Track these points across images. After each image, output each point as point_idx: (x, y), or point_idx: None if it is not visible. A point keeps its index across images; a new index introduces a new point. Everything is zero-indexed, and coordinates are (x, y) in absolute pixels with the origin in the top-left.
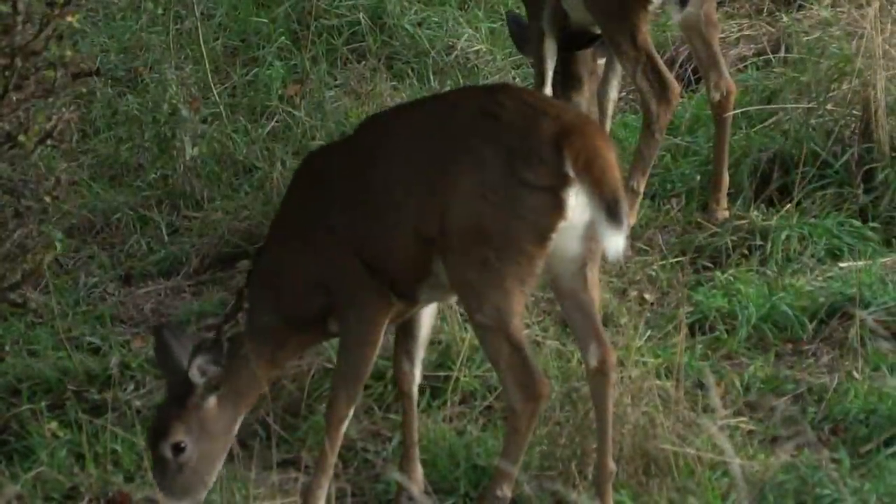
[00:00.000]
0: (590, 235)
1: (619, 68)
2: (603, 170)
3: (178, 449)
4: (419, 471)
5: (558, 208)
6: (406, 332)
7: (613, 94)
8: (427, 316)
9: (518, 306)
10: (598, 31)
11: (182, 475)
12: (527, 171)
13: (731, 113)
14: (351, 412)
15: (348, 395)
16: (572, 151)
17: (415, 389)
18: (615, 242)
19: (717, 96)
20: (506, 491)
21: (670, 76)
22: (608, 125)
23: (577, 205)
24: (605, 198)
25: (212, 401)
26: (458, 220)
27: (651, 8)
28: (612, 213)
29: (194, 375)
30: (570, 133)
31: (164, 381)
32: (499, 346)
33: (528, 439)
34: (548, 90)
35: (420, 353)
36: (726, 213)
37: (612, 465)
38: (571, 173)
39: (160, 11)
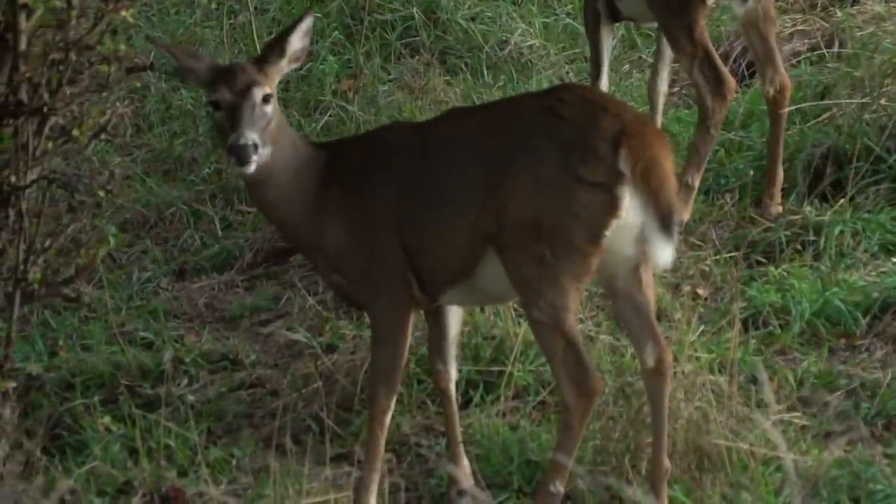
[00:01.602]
0: (644, 237)
1: (668, 61)
2: (661, 180)
3: (266, 98)
4: (467, 466)
5: (612, 206)
6: (436, 331)
7: (664, 87)
8: (455, 314)
9: (573, 303)
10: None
11: (264, 120)
12: (582, 168)
13: (786, 109)
14: (392, 403)
15: (387, 387)
16: (630, 155)
17: (452, 387)
18: (664, 253)
19: (771, 91)
20: (559, 486)
21: (726, 71)
22: (659, 119)
23: (632, 205)
24: (660, 208)
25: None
26: (516, 216)
27: (709, 2)
28: (664, 223)
29: (295, 40)
30: (630, 135)
31: None
32: (553, 341)
33: (582, 435)
34: (604, 81)
35: (452, 350)
36: (780, 209)
37: (667, 463)
38: (627, 172)
39: (214, 6)
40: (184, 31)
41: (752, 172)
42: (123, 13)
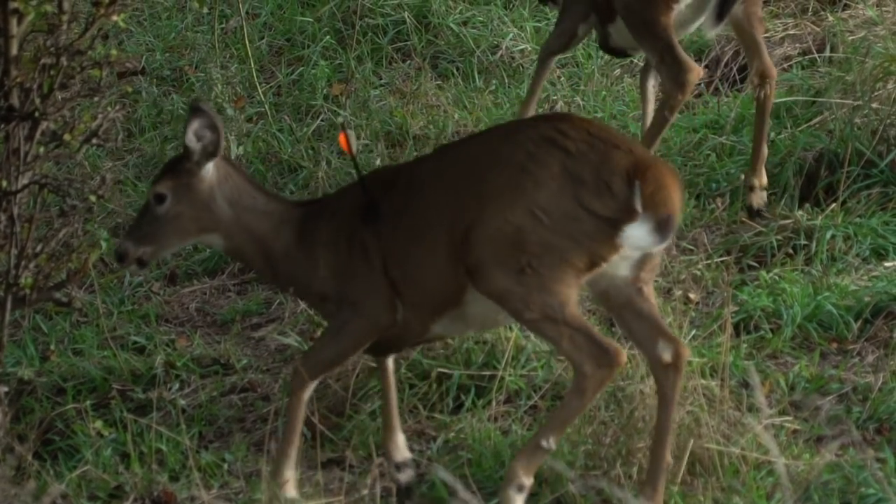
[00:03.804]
0: (643, 262)
1: None
2: (671, 209)
3: (159, 198)
4: (401, 439)
5: (615, 240)
6: None
7: (652, 80)
8: None
9: (568, 297)
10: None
11: (151, 224)
12: (595, 201)
13: (770, 97)
14: (312, 387)
15: (314, 372)
16: (646, 186)
17: (390, 362)
18: (652, 246)
19: (756, 80)
20: (551, 443)
21: (689, 60)
22: (650, 109)
23: (634, 237)
24: (658, 218)
25: (209, 168)
26: (491, 230)
27: (675, 6)
28: (660, 229)
29: (190, 140)
30: (645, 168)
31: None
32: (557, 331)
33: (588, 406)
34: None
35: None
36: (765, 196)
37: (669, 458)
38: (639, 208)
39: (205, 11)
40: (175, 35)
41: (742, 177)
42: (115, 18)
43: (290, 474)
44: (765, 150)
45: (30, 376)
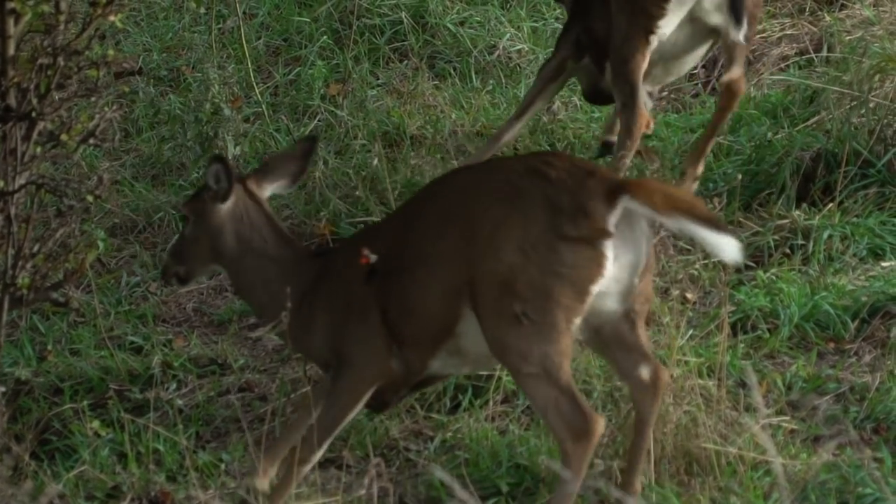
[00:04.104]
0: (629, 293)
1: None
2: (687, 202)
3: (184, 218)
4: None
5: (597, 261)
6: None
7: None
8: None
9: (566, 348)
10: None
11: (180, 243)
12: (568, 225)
13: (731, 104)
14: (315, 458)
15: (319, 440)
16: (644, 198)
17: None
18: (731, 247)
19: (722, 88)
20: None
21: (644, 109)
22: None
23: (616, 259)
24: (702, 219)
25: (223, 208)
26: (490, 275)
27: (652, 43)
28: (715, 226)
29: (210, 180)
30: (630, 186)
31: None
32: (547, 393)
33: (582, 477)
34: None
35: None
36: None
37: (637, 486)
38: (612, 228)
39: (203, 11)
40: (172, 35)
41: (739, 176)
42: (112, 18)
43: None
44: (708, 149)
45: (27, 376)
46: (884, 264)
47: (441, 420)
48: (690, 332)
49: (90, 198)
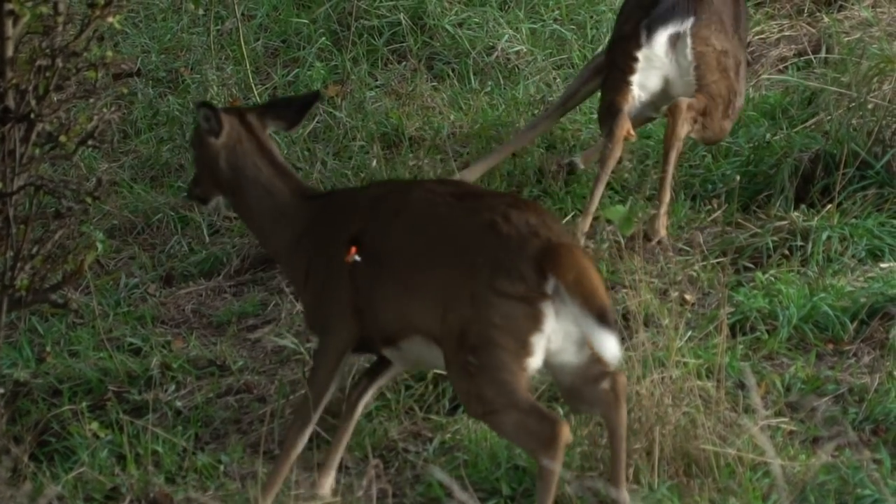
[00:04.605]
0: (584, 340)
1: None
2: (591, 286)
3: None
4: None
5: (535, 318)
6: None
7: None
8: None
9: (519, 383)
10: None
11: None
12: (506, 283)
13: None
14: (305, 437)
15: (303, 418)
16: (557, 272)
17: (360, 405)
18: (610, 344)
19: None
20: None
21: (625, 127)
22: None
23: (557, 321)
24: (594, 308)
25: (216, 140)
26: (449, 326)
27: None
28: (602, 319)
29: (201, 120)
30: (555, 254)
31: None
32: (510, 420)
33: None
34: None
35: (382, 380)
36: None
37: (624, 490)
38: (550, 292)
39: (201, 12)
40: (171, 37)
41: (738, 178)
42: (110, 19)
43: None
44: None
45: (26, 378)
46: (882, 265)
47: (440, 421)
48: (689, 333)
49: (89, 199)
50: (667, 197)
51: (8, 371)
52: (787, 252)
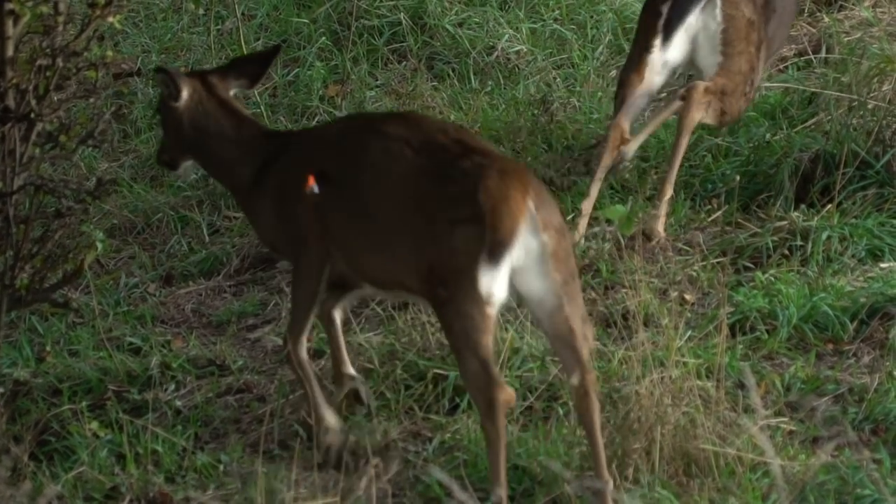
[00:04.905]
0: (548, 270)
1: None
2: (498, 218)
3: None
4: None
5: (482, 242)
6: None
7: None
8: None
9: (484, 322)
10: None
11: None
12: (455, 210)
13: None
14: (304, 338)
15: (298, 324)
16: (486, 195)
17: (337, 315)
18: (488, 278)
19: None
20: (500, 492)
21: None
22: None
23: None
24: (492, 241)
25: (178, 105)
26: (417, 264)
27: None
28: (491, 254)
29: (160, 85)
30: (488, 177)
31: None
32: (469, 365)
33: (504, 444)
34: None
35: (351, 298)
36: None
37: (608, 476)
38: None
39: (201, 12)
40: (171, 37)
41: (738, 178)
42: (110, 19)
43: (329, 416)
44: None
45: (25, 377)
46: (882, 265)
47: (439, 421)
48: (689, 333)
49: (89, 199)
50: (668, 193)
51: (8, 370)
52: (786, 252)
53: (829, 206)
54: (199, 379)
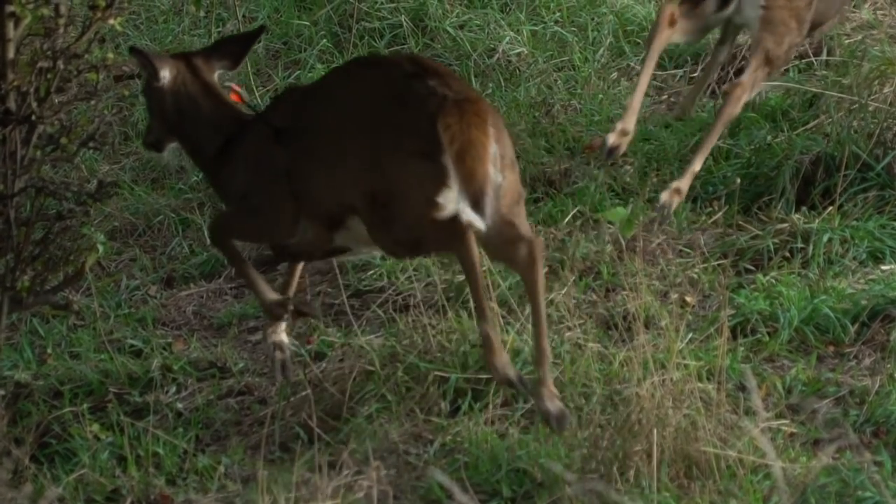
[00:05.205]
0: (499, 202)
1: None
2: (471, 167)
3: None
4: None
5: (439, 175)
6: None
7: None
8: None
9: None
10: None
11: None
12: (408, 142)
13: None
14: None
15: (224, 233)
16: (447, 135)
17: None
18: (478, 226)
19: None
20: (485, 328)
21: None
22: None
23: (450, 199)
24: (470, 192)
25: (160, 85)
26: (361, 189)
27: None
28: (475, 205)
29: (139, 67)
30: (448, 114)
31: None
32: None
33: (479, 271)
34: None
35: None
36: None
37: (547, 347)
38: (446, 146)
39: (202, 14)
40: (172, 39)
41: (739, 180)
42: (111, 22)
43: (273, 296)
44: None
45: (26, 379)
46: (883, 268)
47: (440, 423)
48: (690, 335)
49: (90, 201)
50: (698, 166)
51: (9, 373)
52: (787, 254)
53: (830, 208)
54: (200, 381)
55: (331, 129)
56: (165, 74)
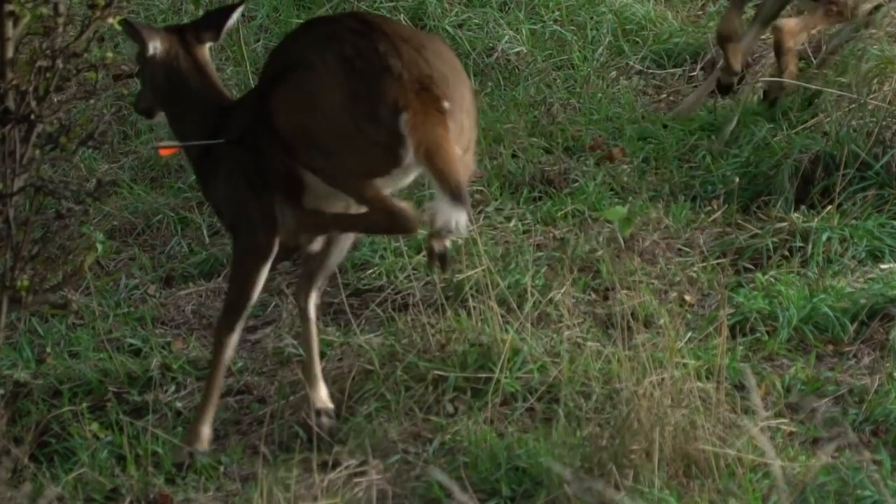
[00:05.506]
0: (432, 207)
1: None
2: (444, 162)
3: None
4: (323, 389)
5: (394, 161)
6: (316, 258)
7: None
8: (339, 250)
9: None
10: None
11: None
12: (366, 124)
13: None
14: (233, 341)
15: (228, 321)
16: (413, 138)
17: (311, 307)
18: (461, 219)
19: None
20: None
21: None
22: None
23: (412, 162)
24: (447, 188)
25: (154, 47)
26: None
27: None
28: (456, 198)
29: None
30: (411, 109)
31: None
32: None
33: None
34: None
35: (321, 278)
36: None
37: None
38: (407, 136)
39: (201, 13)
40: None
41: (738, 179)
42: (110, 20)
43: (207, 431)
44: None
45: (26, 379)
46: (883, 266)
47: (440, 422)
48: (689, 334)
49: (89, 200)
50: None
51: (8, 372)
52: (787, 253)
53: (830, 207)
54: (200, 380)
55: (285, 80)
56: (157, 45)
